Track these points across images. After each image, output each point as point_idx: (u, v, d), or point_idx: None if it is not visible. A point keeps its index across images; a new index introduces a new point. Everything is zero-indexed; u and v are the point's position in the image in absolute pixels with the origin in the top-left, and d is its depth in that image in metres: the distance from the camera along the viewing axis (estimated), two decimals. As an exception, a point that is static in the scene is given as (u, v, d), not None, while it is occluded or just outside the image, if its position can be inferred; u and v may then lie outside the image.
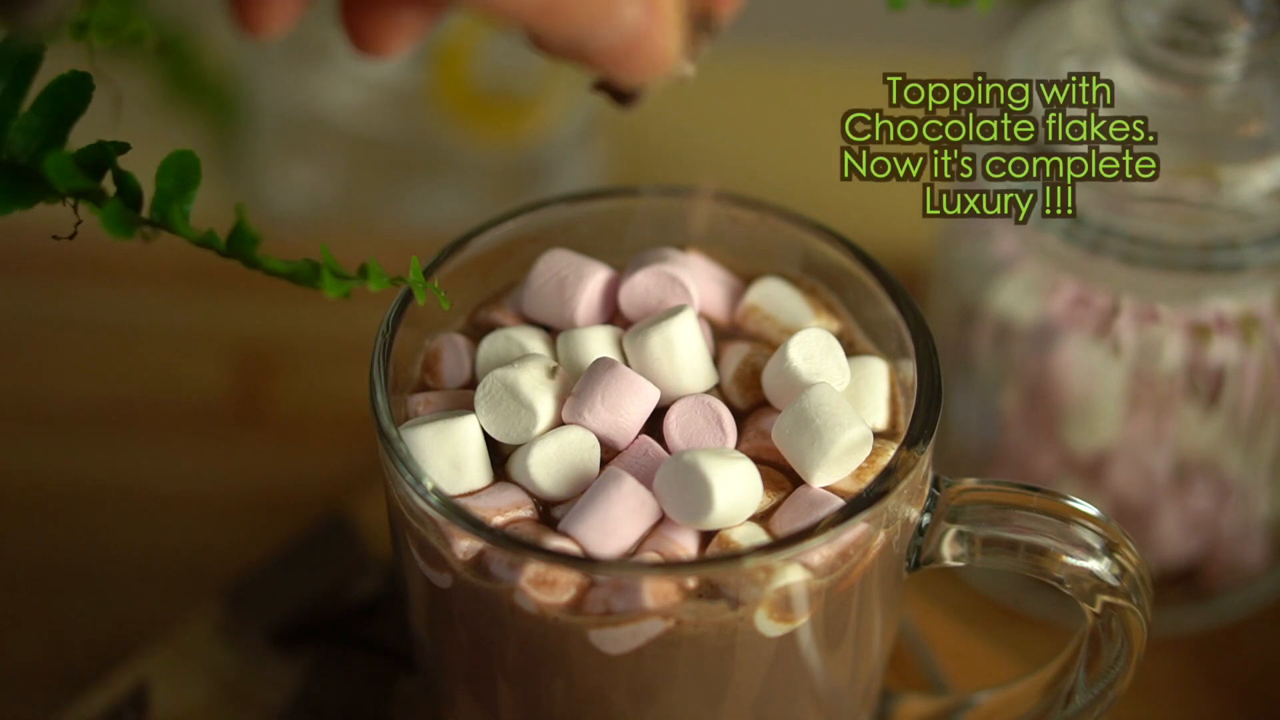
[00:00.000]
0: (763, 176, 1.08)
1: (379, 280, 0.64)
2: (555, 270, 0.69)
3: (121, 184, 0.63)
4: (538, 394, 0.65)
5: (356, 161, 1.06)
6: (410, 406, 0.68)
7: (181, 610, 0.85)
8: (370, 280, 0.64)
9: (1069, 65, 0.82)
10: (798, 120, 1.13)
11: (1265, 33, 0.79)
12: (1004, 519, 0.67)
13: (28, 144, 0.64)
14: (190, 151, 0.63)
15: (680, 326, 0.67)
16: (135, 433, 0.93)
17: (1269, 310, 0.81)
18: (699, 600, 0.63)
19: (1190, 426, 0.83)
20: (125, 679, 0.81)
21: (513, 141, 1.06)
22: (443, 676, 0.70)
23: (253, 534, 0.88)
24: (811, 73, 1.15)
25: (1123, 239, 0.79)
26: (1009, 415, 0.85)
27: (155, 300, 0.98)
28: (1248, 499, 0.85)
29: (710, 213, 0.72)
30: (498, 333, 0.69)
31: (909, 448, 0.65)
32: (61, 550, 0.89)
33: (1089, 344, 0.81)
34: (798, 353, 0.66)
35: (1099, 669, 0.69)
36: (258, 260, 0.63)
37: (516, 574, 0.63)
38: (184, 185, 0.63)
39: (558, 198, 0.73)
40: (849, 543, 0.64)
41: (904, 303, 0.69)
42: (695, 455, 0.63)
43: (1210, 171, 0.79)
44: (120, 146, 0.63)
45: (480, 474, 0.65)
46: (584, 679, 0.65)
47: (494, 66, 1.03)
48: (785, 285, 0.71)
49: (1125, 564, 0.66)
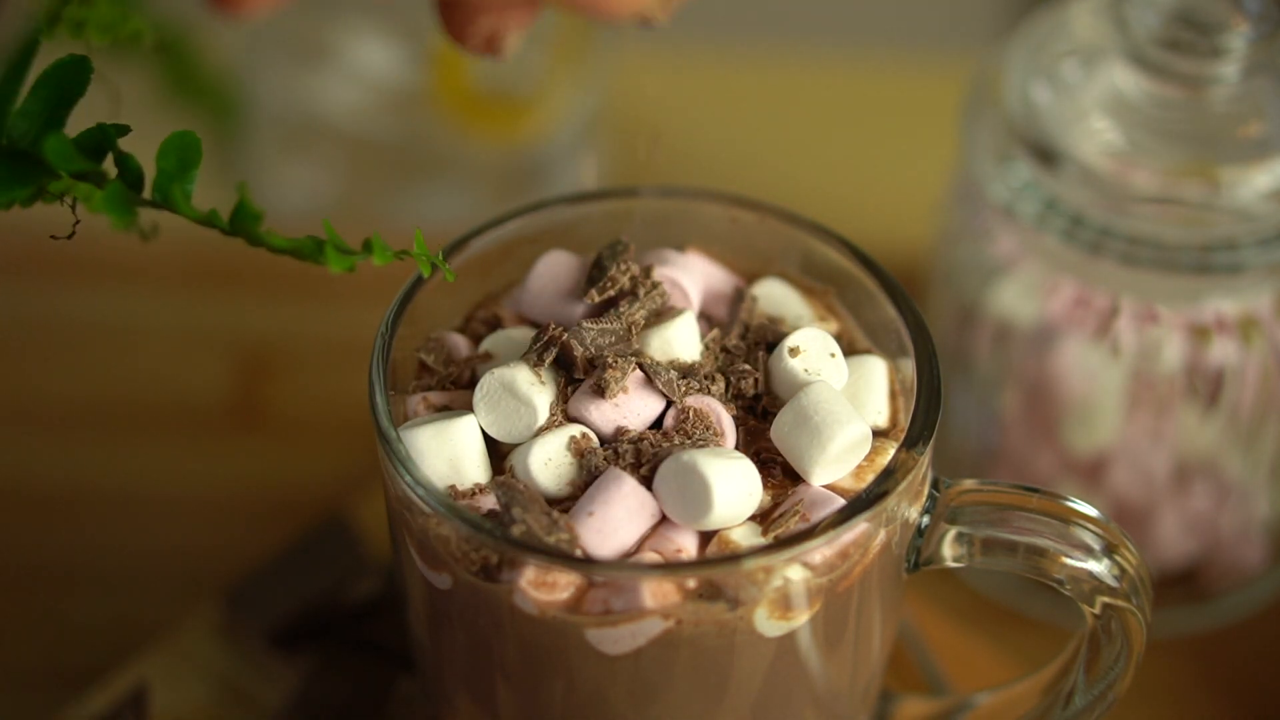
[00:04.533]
0: (763, 176, 1.08)
1: (383, 254, 0.63)
2: (555, 271, 0.69)
3: (122, 166, 0.63)
4: (536, 392, 0.65)
5: (356, 161, 1.06)
6: (409, 407, 0.68)
7: (181, 610, 0.85)
8: (375, 254, 0.63)
9: (1069, 65, 0.82)
10: (798, 120, 1.13)
11: (1265, 33, 0.79)
12: (1003, 520, 0.67)
13: (28, 129, 0.64)
14: (191, 132, 0.63)
15: (679, 328, 0.67)
16: (135, 433, 0.93)
17: (1268, 311, 0.81)
18: (698, 600, 0.63)
19: (1190, 427, 0.83)
20: (125, 679, 0.81)
21: (513, 141, 1.06)
22: (442, 677, 0.70)
23: (253, 534, 0.89)
24: (812, 73, 1.15)
25: (1122, 240, 0.79)
26: (1009, 416, 0.85)
27: (155, 301, 0.98)
28: (1247, 500, 0.85)
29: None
30: (497, 333, 0.69)
31: (909, 448, 0.65)
32: (61, 550, 0.89)
33: (1088, 345, 0.81)
34: (796, 352, 0.66)
35: (1098, 670, 0.69)
36: (261, 238, 0.63)
37: (516, 574, 0.63)
38: (185, 165, 0.63)
39: (558, 198, 0.73)
40: (849, 543, 0.64)
41: (903, 303, 0.69)
42: (694, 455, 0.63)
43: (1210, 172, 0.79)
44: (121, 129, 0.63)
45: (479, 474, 0.65)
46: (583, 679, 0.65)
47: (494, 66, 1.03)
48: (785, 285, 0.71)
49: (1125, 565, 0.66)
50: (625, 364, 0.65)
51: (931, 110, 1.01)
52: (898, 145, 1.11)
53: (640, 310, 0.67)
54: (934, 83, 1.07)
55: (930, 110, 1.02)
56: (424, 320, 0.70)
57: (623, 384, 0.65)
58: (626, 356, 0.66)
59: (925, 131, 1.03)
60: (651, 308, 0.68)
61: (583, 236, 0.71)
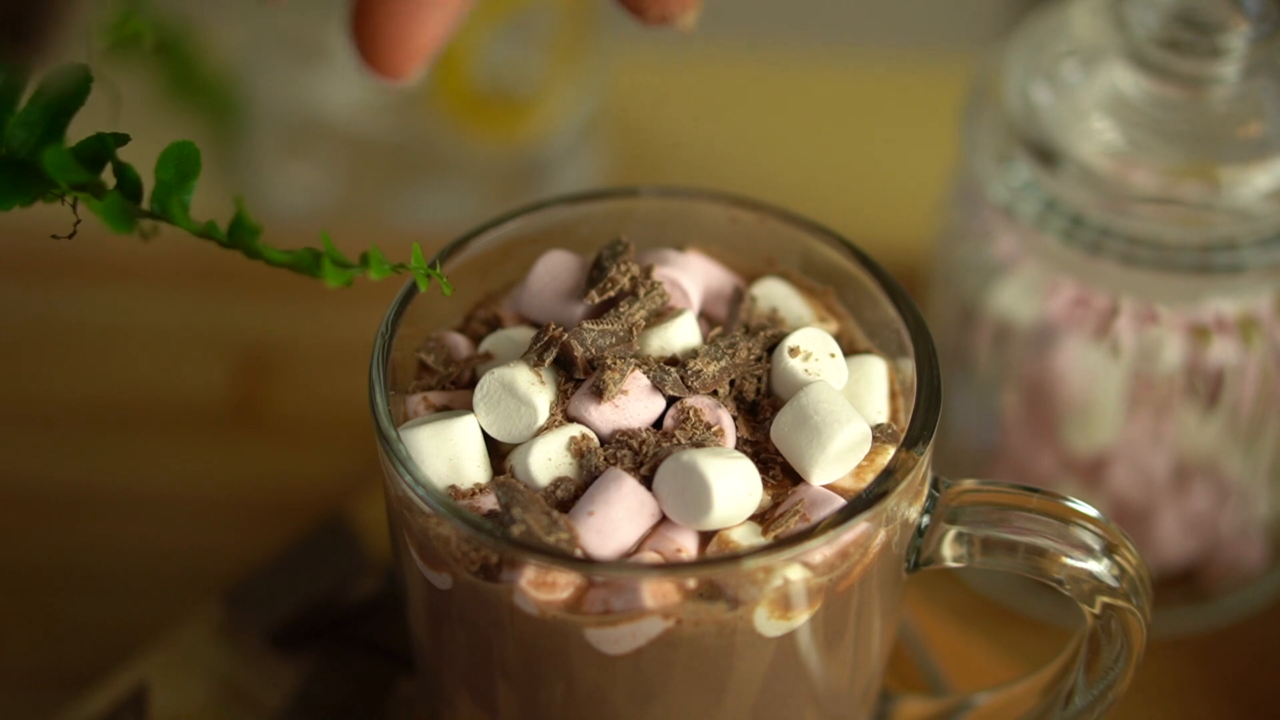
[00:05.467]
0: (763, 176, 1.08)
1: (380, 268, 0.63)
2: (555, 271, 0.69)
3: (121, 176, 0.63)
4: (536, 392, 0.65)
5: (356, 162, 1.06)
6: (409, 407, 0.68)
7: (181, 610, 0.85)
8: (371, 268, 0.63)
9: (1069, 65, 0.82)
10: (798, 120, 1.13)
11: (1265, 33, 0.79)
12: (1003, 520, 0.67)
13: (26, 139, 0.63)
14: (190, 142, 0.63)
15: (679, 328, 0.67)
16: (134, 433, 0.93)
17: (1268, 311, 0.81)
18: (698, 600, 0.63)
19: (1190, 427, 0.83)
20: (125, 679, 0.81)
21: (513, 141, 1.06)
22: (442, 677, 0.70)
23: (252, 534, 0.88)
24: (812, 73, 1.15)
25: (1122, 240, 0.79)
26: (1008, 416, 0.85)
27: (154, 301, 0.98)
28: (1247, 500, 0.85)
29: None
30: (497, 333, 0.69)
31: (908, 448, 0.65)
32: (61, 550, 0.89)
33: (1088, 345, 0.81)
34: (796, 352, 0.66)
35: (1098, 670, 0.69)
36: (259, 250, 0.63)
37: (516, 574, 0.63)
38: (184, 176, 0.63)
39: (558, 198, 0.73)
40: (849, 543, 0.64)
41: (903, 303, 0.69)
42: (694, 455, 0.63)
43: (1210, 172, 0.79)
44: (120, 138, 0.63)
45: (479, 474, 0.65)
46: (583, 679, 0.65)
47: (493, 67, 1.03)
48: (785, 285, 0.71)
49: (1125, 565, 0.66)
50: (624, 365, 0.65)
51: (931, 110, 1.01)
52: (898, 145, 1.11)
53: (640, 311, 0.67)
54: (934, 83, 1.07)
55: (930, 110, 1.02)
56: (424, 320, 0.70)
57: (622, 385, 0.65)
58: (626, 358, 0.66)
59: (925, 131, 1.03)
60: (651, 308, 0.68)
61: (583, 236, 0.71)
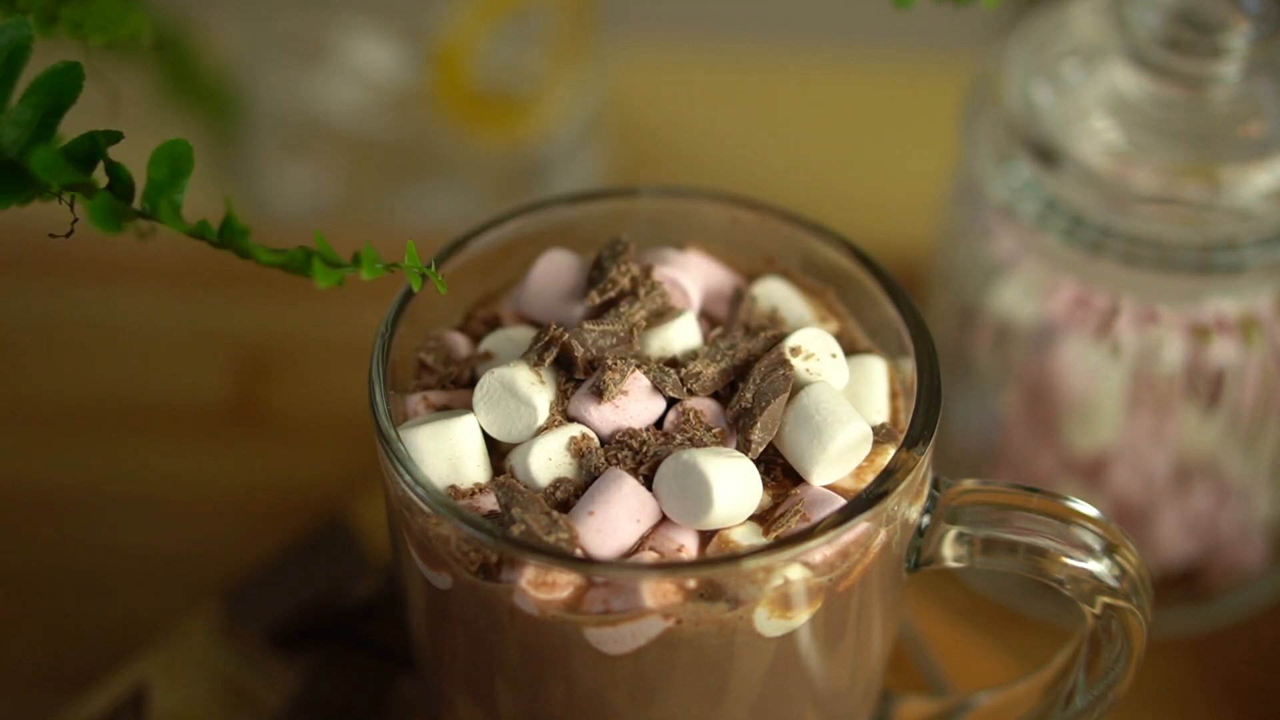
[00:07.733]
0: (763, 176, 1.08)
1: (372, 268, 0.63)
2: (555, 270, 0.69)
3: (113, 175, 0.62)
4: (536, 392, 0.65)
5: (356, 161, 1.06)
6: (409, 406, 0.68)
7: (181, 611, 0.85)
8: (363, 268, 0.63)
9: (1069, 65, 0.82)
10: (798, 120, 1.13)
11: (1265, 33, 0.79)
12: (1004, 520, 0.67)
13: (17, 138, 0.63)
14: (183, 141, 0.62)
15: (679, 328, 0.67)
16: (134, 433, 0.93)
17: (1269, 311, 0.81)
18: (699, 600, 0.63)
19: (1190, 427, 0.83)
20: (124, 680, 0.81)
21: (513, 141, 1.06)
22: (442, 677, 0.70)
23: (252, 534, 0.88)
24: (812, 73, 1.15)
25: (1122, 240, 0.79)
26: (1009, 416, 0.85)
27: (153, 301, 0.98)
28: (1248, 500, 0.85)
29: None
30: (497, 333, 0.69)
31: (909, 448, 0.65)
32: (61, 550, 0.89)
33: (1089, 345, 0.81)
34: (796, 352, 0.66)
35: (1099, 670, 0.69)
36: (249, 250, 0.62)
37: (516, 574, 0.63)
38: (176, 175, 0.62)
39: (558, 198, 0.73)
40: (849, 543, 0.64)
41: (904, 303, 0.69)
42: (694, 455, 0.63)
43: (1210, 172, 0.79)
44: (111, 136, 0.62)
45: (479, 473, 0.65)
46: (583, 680, 0.65)
47: (493, 67, 1.03)
48: (786, 285, 0.71)
49: (1125, 565, 0.66)
50: (624, 366, 0.65)
51: (931, 110, 1.01)
52: (898, 145, 1.11)
53: (641, 311, 0.67)
54: (934, 83, 1.07)
55: (930, 110, 1.02)
56: (424, 320, 0.70)
57: (621, 386, 0.65)
58: (626, 359, 0.66)
59: (925, 131, 1.03)
60: (652, 308, 0.68)
61: (583, 236, 0.71)
